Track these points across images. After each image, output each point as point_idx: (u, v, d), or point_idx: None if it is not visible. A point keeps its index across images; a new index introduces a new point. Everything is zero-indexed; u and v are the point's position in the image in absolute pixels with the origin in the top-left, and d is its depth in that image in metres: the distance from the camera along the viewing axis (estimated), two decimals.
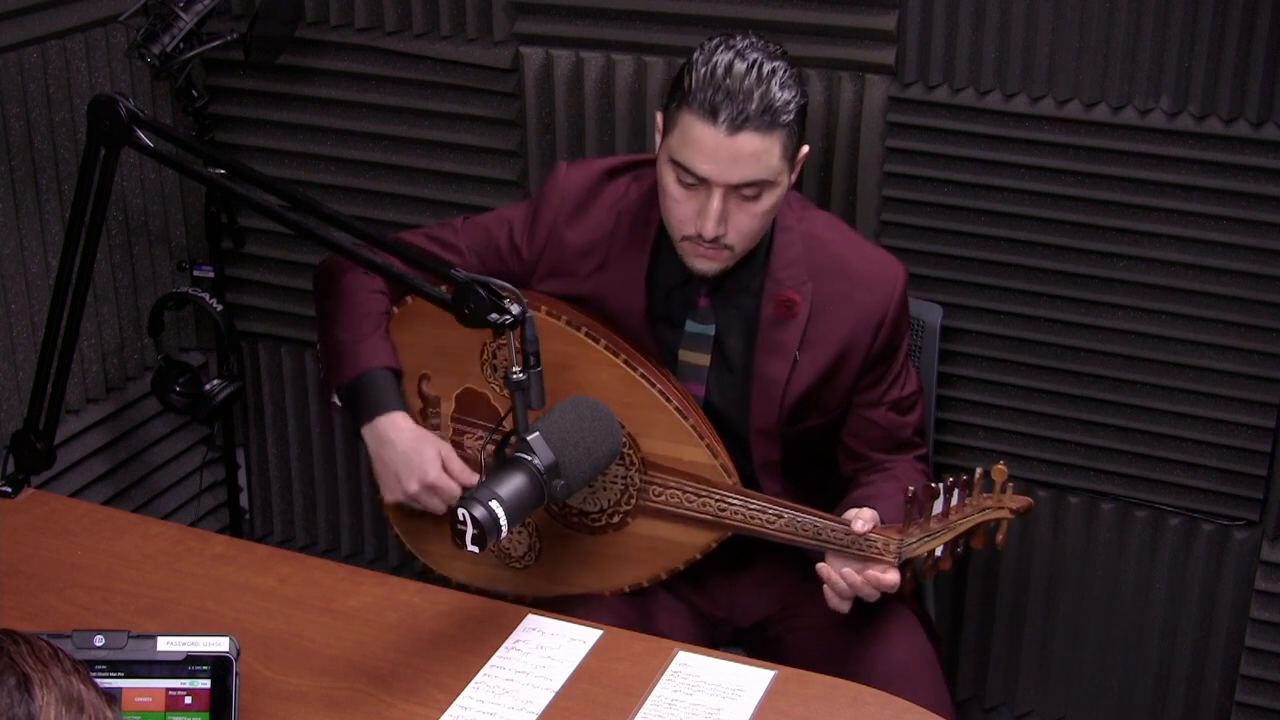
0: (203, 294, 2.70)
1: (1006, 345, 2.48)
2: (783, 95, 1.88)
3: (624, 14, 2.49)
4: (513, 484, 1.67)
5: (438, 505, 2.03)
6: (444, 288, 1.82)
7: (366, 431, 2.07)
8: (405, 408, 2.08)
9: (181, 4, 2.41)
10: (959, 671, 2.70)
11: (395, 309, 2.14)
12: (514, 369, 1.73)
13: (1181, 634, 2.52)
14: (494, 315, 1.73)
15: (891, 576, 1.90)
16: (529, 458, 1.69)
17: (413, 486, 2.02)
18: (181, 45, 2.43)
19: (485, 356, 2.07)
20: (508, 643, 1.79)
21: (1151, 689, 2.57)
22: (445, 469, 2.02)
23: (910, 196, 2.44)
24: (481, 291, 1.74)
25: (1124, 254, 2.35)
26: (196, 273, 2.79)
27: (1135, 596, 2.53)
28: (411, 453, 2.02)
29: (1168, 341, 2.37)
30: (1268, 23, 2.16)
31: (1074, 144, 2.31)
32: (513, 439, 1.75)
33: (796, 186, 2.42)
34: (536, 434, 1.71)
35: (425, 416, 2.14)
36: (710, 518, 1.99)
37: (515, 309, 1.73)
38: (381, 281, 2.15)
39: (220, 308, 2.68)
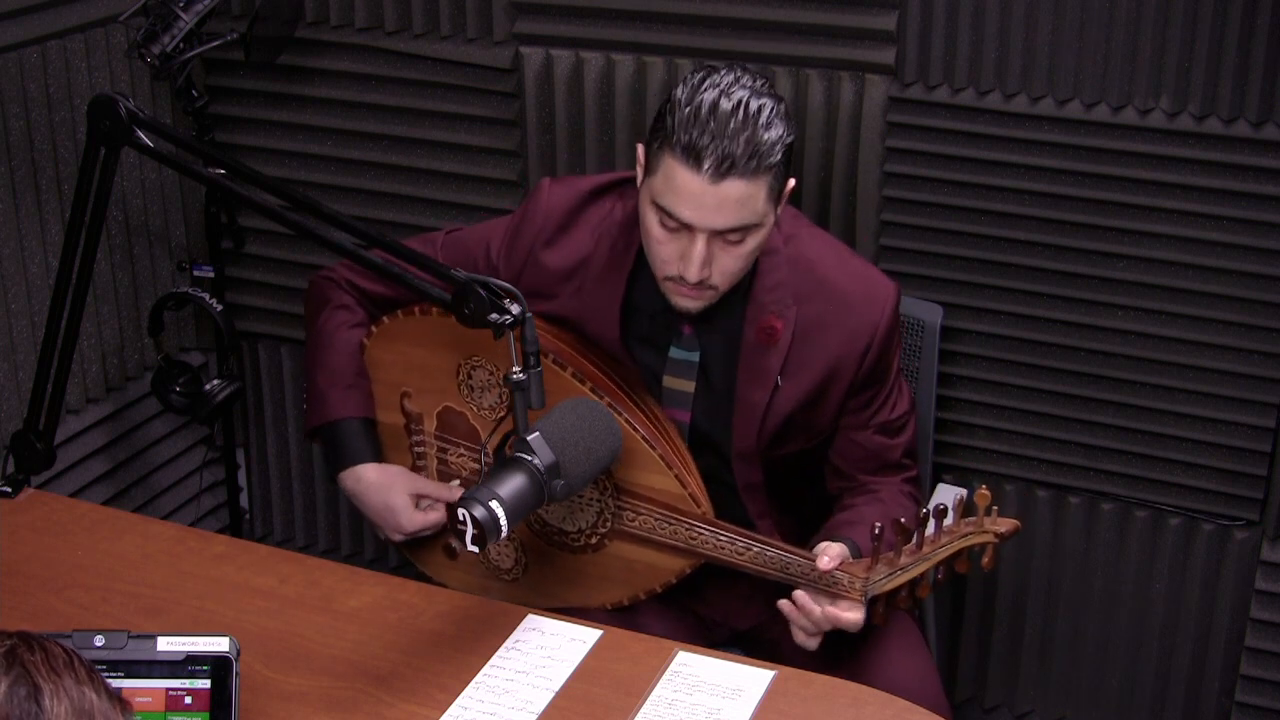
0: (203, 294, 2.70)
1: (1006, 345, 2.47)
2: (769, 136, 1.81)
3: (624, 14, 2.49)
4: (512, 484, 1.67)
5: (434, 524, 2.11)
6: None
7: (339, 482, 2.16)
8: (375, 453, 2.13)
9: (181, 4, 2.41)
10: (959, 671, 2.69)
11: (374, 328, 2.13)
12: (514, 369, 1.73)
13: (1181, 634, 2.52)
14: (494, 315, 1.72)
15: (851, 615, 1.85)
16: (529, 458, 1.69)
17: (396, 538, 2.13)
18: (181, 45, 2.42)
19: (461, 377, 2.06)
20: (508, 643, 1.79)
21: (1151, 689, 2.57)
22: (422, 496, 2.10)
23: (910, 196, 2.44)
24: (481, 291, 1.73)
25: (1124, 254, 2.35)
26: (196, 273, 2.79)
27: (1135, 596, 2.53)
28: (382, 509, 2.11)
29: (1168, 341, 2.37)
30: (1268, 23, 2.15)
31: (1074, 144, 2.31)
32: (512, 439, 1.75)
33: (795, 194, 2.42)
34: (536, 434, 1.71)
35: (409, 433, 2.14)
36: (683, 545, 1.98)
37: (515, 309, 1.73)
38: (363, 313, 2.17)
39: (220, 308, 2.68)
